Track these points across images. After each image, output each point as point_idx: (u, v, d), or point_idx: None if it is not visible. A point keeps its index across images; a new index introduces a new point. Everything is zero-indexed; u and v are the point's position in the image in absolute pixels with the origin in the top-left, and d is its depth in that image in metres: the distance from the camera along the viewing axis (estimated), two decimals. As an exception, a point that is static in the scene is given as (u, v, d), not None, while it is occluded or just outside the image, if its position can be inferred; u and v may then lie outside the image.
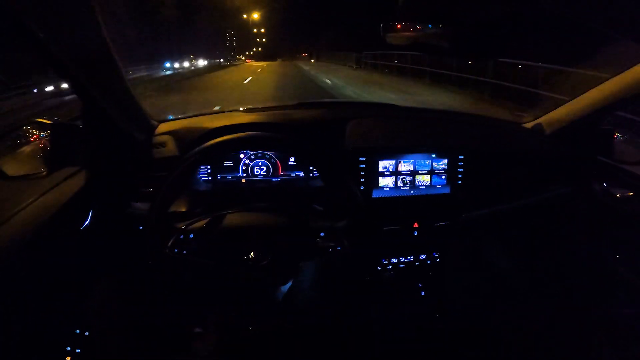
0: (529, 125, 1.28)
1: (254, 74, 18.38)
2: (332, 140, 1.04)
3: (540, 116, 1.29)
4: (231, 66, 33.67)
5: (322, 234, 0.87)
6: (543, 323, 1.32)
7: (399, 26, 1.08)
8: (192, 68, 27.07)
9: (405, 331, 1.21)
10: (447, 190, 1.11)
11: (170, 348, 0.84)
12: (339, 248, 0.87)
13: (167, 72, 20.60)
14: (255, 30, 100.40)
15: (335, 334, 1.17)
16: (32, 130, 1.07)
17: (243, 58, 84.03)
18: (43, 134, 1.05)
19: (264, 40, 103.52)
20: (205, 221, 0.84)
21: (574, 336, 1.30)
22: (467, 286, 1.35)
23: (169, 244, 0.82)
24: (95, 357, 1.04)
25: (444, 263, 1.19)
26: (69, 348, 1.02)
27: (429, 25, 0.96)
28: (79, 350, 1.03)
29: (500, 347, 1.28)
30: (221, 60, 49.11)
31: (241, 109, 1.17)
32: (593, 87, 1.16)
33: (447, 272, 1.22)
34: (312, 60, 36.13)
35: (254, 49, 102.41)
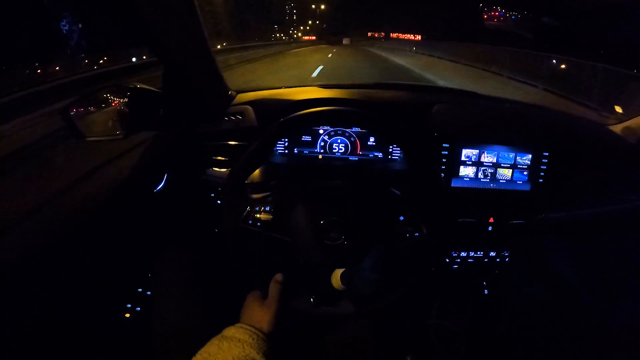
0: (616, 128, 1.19)
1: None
2: (415, 123, 1.00)
3: (628, 119, 1.20)
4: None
5: (401, 218, 0.83)
6: (601, 334, 1.24)
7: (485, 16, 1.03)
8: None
9: (464, 327, 1.16)
10: (527, 187, 1.05)
11: (226, 320, 0.83)
12: (416, 234, 0.83)
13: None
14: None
15: (390, 320, 1.13)
16: (112, 94, 1.09)
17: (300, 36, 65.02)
18: (122, 98, 1.07)
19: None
20: (281, 194, 0.82)
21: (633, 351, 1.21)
22: (531, 290, 1.28)
23: (243, 215, 0.81)
24: (152, 317, 1.05)
25: (512, 263, 1.13)
26: (129, 305, 1.03)
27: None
28: (138, 309, 1.04)
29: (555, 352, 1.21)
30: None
31: (319, 84, 1.15)
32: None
33: (513, 272, 1.16)
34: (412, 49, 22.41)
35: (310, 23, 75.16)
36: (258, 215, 0.80)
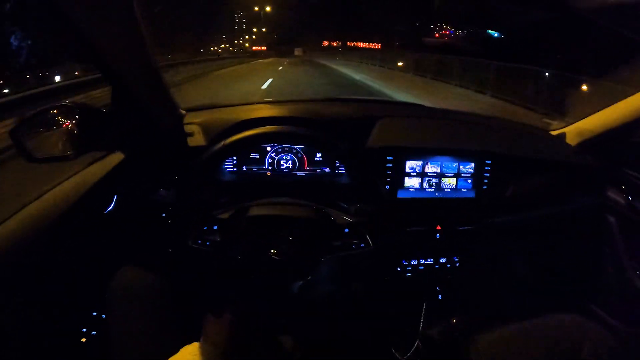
0: (556, 133, 1.26)
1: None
2: (360, 137, 1.03)
3: (569, 125, 1.27)
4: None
5: (346, 230, 0.86)
6: (556, 331, 1.30)
7: (437, 35, 1.07)
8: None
9: (420, 333, 1.20)
10: (472, 194, 1.10)
11: (184, 337, 0.84)
12: (362, 245, 0.86)
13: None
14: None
15: (347, 330, 1.16)
16: (61, 114, 1.08)
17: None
18: (72, 118, 1.06)
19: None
20: (229, 213, 0.84)
21: (587, 347, 1.28)
22: (484, 292, 1.34)
23: (192, 237, 0.82)
24: (109, 340, 1.04)
25: (463, 268, 1.18)
26: (84, 330, 1.03)
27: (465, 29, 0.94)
28: (94, 333, 1.03)
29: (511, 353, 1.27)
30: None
31: (269, 100, 1.17)
32: (624, 99, 1.14)
33: (466, 277, 1.21)
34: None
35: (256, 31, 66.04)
36: (207, 236, 0.82)
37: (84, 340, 1.02)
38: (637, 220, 1.18)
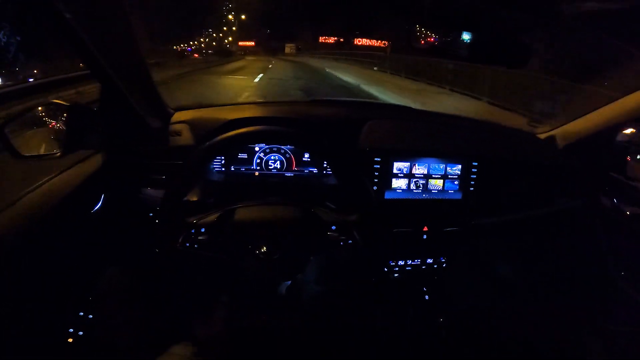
0: (543, 136, 1.28)
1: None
2: (348, 139, 1.04)
3: (555, 128, 1.29)
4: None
5: (333, 227, 0.87)
6: (542, 332, 1.32)
7: (422, 42, 1.08)
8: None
9: (407, 333, 1.21)
10: (458, 196, 1.11)
11: (171, 338, 0.84)
12: (350, 241, 0.86)
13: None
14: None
15: (335, 331, 1.17)
16: (49, 112, 1.07)
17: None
18: (60, 116, 1.05)
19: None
20: (216, 215, 0.84)
21: (571, 348, 1.30)
22: (470, 292, 1.35)
23: (180, 239, 0.82)
24: (96, 340, 1.04)
25: (450, 268, 1.19)
26: (71, 330, 1.02)
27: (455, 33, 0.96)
28: (81, 333, 1.03)
29: (498, 353, 1.28)
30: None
31: (257, 101, 1.18)
32: (609, 103, 1.16)
33: (452, 277, 1.23)
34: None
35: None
36: (195, 237, 0.82)
37: (70, 340, 1.01)
38: (622, 221, 1.20)
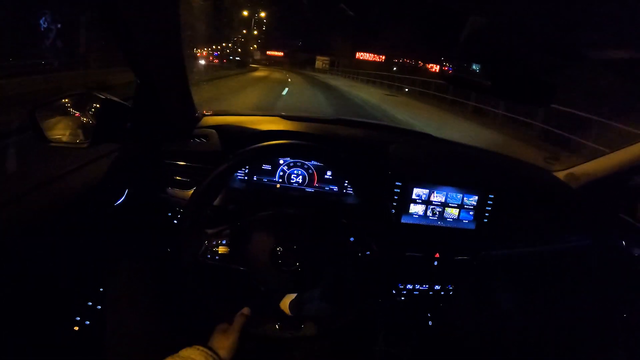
0: (559, 174, 1.29)
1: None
2: (370, 160, 1.06)
3: (572, 166, 1.31)
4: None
5: (351, 239, 0.87)
6: None
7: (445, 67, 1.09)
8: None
9: (409, 357, 1.21)
10: (472, 226, 1.12)
11: (178, 336, 0.84)
12: (367, 253, 0.87)
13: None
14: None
15: (337, 349, 1.17)
16: (81, 102, 1.09)
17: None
18: (91, 107, 1.07)
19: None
20: (237, 226, 0.84)
21: None
22: (473, 322, 1.36)
23: (200, 251, 0.82)
24: (101, 331, 1.04)
25: (456, 296, 1.20)
26: (78, 318, 1.03)
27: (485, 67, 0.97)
28: (87, 322, 1.03)
29: None
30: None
31: (283, 114, 1.20)
32: (628, 145, 1.18)
33: (457, 305, 1.23)
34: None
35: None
36: (216, 249, 0.82)
37: (76, 328, 1.02)
38: (629, 264, 1.22)
